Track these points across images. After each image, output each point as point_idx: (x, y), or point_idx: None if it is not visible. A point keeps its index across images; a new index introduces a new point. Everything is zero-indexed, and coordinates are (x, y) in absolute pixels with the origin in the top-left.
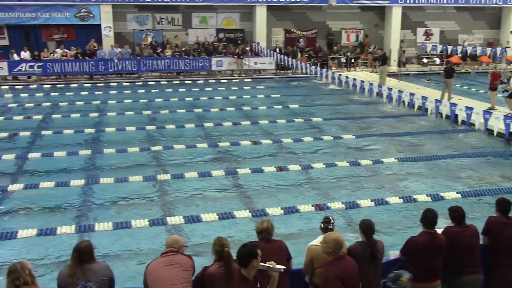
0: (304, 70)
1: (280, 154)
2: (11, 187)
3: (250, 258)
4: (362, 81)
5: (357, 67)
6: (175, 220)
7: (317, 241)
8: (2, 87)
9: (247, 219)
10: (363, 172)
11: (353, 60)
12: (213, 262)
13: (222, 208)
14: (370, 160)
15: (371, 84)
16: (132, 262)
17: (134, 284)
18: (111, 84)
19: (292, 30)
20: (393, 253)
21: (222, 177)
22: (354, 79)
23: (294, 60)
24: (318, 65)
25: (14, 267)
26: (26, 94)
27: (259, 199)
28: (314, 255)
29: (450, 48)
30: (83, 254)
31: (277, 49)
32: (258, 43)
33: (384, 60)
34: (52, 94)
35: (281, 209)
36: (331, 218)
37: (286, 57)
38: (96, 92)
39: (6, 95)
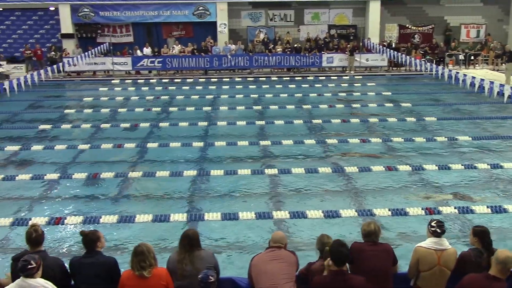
0: (418, 67)
1: (390, 153)
2: (131, 174)
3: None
4: (482, 80)
5: (477, 65)
6: (281, 214)
7: (426, 243)
8: (126, 80)
9: (353, 218)
10: (480, 176)
11: (472, 57)
12: (318, 258)
13: (328, 206)
14: (488, 164)
15: (491, 82)
16: (236, 252)
17: (236, 275)
18: (224, 79)
19: (407, 25)
20: None
21: (329, 174)
22: (473, 77)
23: (408, 57)
24: (434, 62)
25: (141, 249)
26: (146, 88)
27: (366, 199)
28: (420, 256)
29: None
30: (192, 240)
31: (392, 45)
32: (369, 39)
33: (510, 57)
34: (169, 88)
35: (389, 210)
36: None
37: (399, 53)
38: (210, 87)
39: (129, 88)
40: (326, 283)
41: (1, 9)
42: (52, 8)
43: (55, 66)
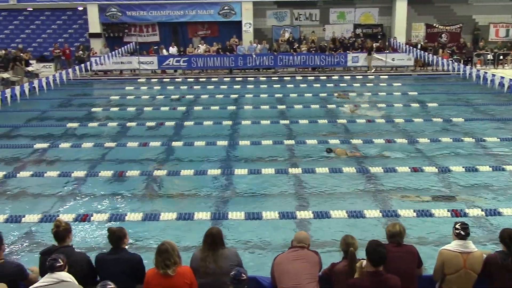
0: (445, 67)
1: (415, 154)
2: (156, 173)
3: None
4: (511, 80)
5: (506, 65)
6: (304, 214)
7: (451, 245)
8: (152, 79)
9: (377, 219)
10: (508, 178)
11: (501, 57)
12: (341, 259)
13: (352, 206)
14: None
15: None
16: (259, 251)
17: (259, 274)
18: (249, 78)
19: (434, 24)
20: None
21: (353, 174)
22: (502, 77)
23: (435, 57)
24: (462, 62)
25: (165, 247)
26: (172, 87)
27: (391, 199)
28: (445, 259)
29: None
30: (216, 239)
31: (419, 45)
32: (395, 38)
33: None
34: (194, 87)
35: (414, 211)
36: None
37: (426, 53)
38: (235, 86)
39: (155, 87)
40: (364, 284)
41: (31, 9)
42: (80, 8)
43: (83, 65)
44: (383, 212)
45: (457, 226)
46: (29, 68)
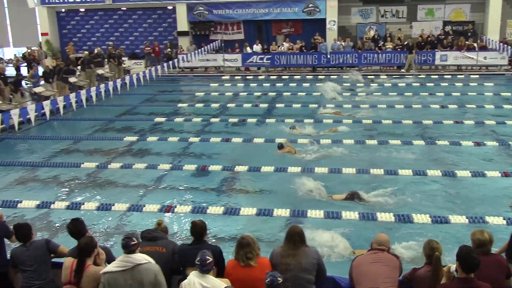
0: None
1: (508, 158)
2: (237, 168)
3: None
4: None
5: None
6: (385, 216)
7: None
8: (236, 77)
9: (463, 225)
10: None
11: None
12: (423, 264)
13: (436, 210)
14: None
15: None
16: (336, 251)
17: (336, 274)
18: (332, 76)
19: None
20: None
21: (438, 177)
22: None
23: None
24: None
25: (247, 241)
26: (255, 84)
27: (479, 205)
28: None
29: None
30: (302, 237)
31: None
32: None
33: None
34: (277, 84)
35: (503, 219)
36: None
37: None
38: (317, 84)
39: (238, 84)
40: None
41: (125, 8)
42: (170, 7)
43: (170, 62)
44: (469, 218)
45: None
46: (122, 65)
